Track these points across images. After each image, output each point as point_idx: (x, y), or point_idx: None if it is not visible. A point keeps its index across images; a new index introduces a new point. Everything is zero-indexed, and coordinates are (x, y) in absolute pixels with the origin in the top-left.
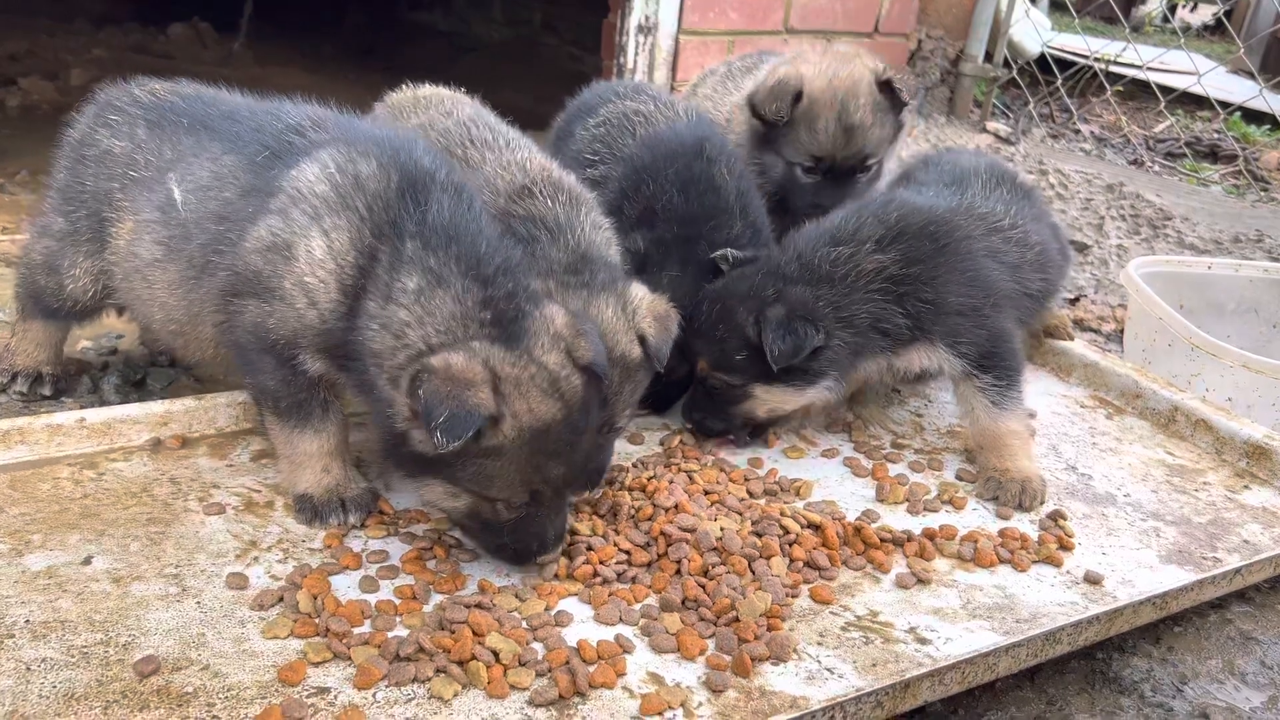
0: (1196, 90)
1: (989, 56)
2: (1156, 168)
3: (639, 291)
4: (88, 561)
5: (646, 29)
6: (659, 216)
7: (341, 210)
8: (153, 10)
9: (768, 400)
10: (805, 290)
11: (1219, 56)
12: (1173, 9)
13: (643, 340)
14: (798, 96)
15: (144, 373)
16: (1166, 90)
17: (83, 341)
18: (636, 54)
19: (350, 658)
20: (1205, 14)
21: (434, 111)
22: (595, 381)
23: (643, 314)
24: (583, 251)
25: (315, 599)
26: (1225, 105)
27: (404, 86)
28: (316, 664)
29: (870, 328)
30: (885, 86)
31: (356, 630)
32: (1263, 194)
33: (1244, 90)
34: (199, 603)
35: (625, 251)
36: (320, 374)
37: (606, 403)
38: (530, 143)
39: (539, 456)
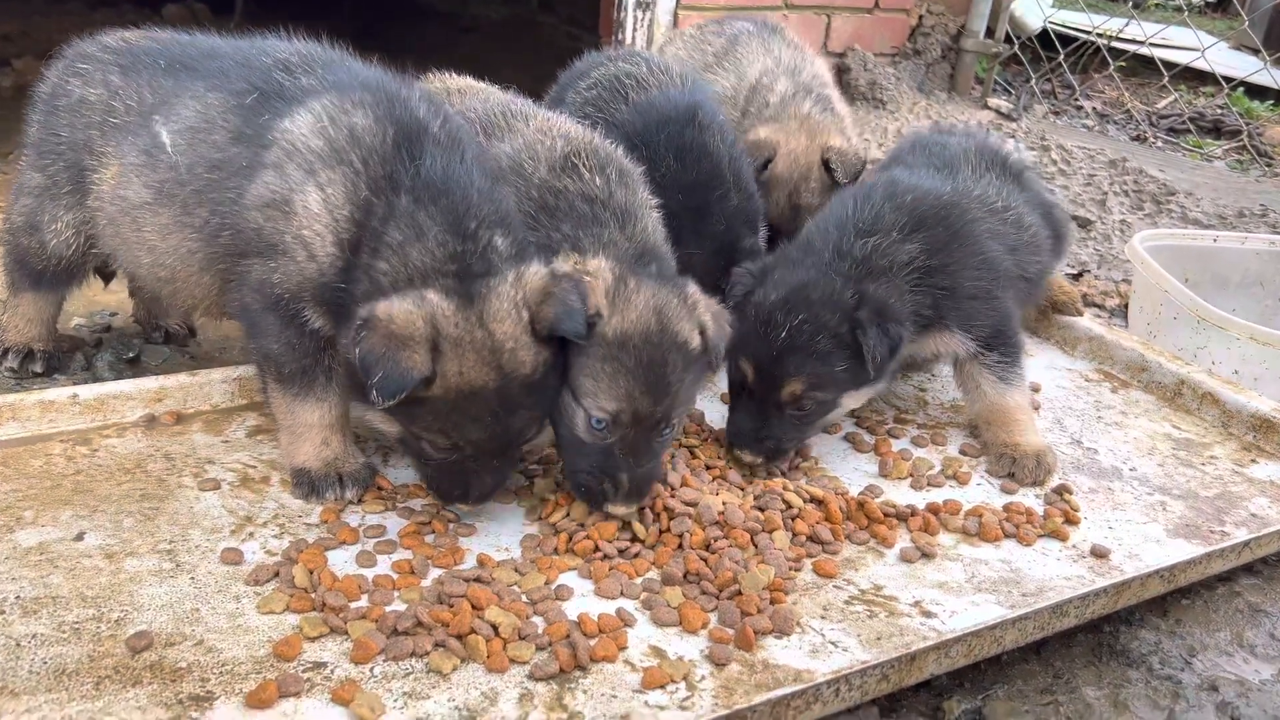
0: (1199, 66)
1: (990, 32)
2: (1159, 143)
3: (695, 288)
4: (80, 537)
5: (645, 4)
6: (658, 186)
7: (336, 164)
8: None
9: (847, 406)
10: (874, 287)
11: (1220, 32)
12: None
13: (702, 332)
14: (766, 163)
15: (138, 350)
16: (1169, 66)
17: (75, 319)
18: (635, 29)
19: (347, 632)
20: None
21: (470, 99)
22: (578, 352)
23: (702, 308)
24: (646, 243)
25: (311, 573)
26: (1229, 81)
27: (432, 77)
28: (312, 639)
29: (910, 318)
30: (825, 165)
31: (353, 605)
32: (1266, 169)
33: (1246, 66)
34: (193, 578)
35: None
36: (323, 332)
37: (666, 390)
38: (569, 118)
39: (459, 415)
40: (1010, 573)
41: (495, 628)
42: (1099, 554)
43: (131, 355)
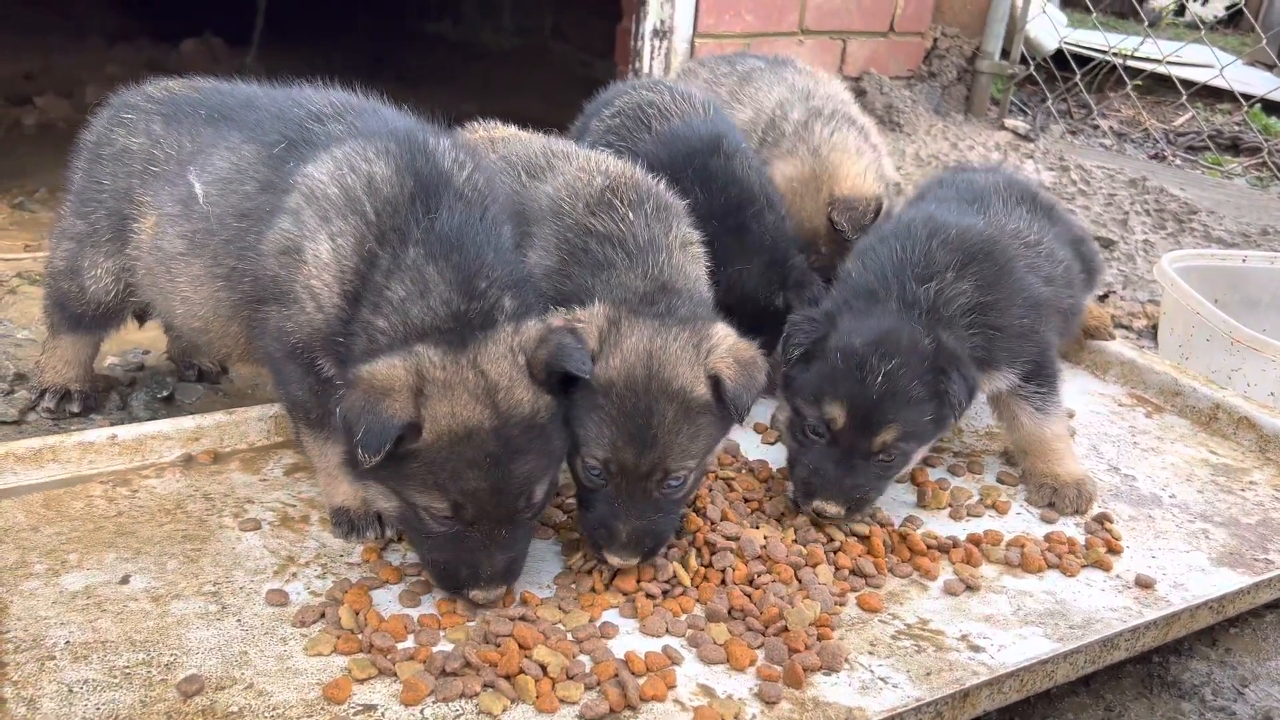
0: (1214, 83)
1: (1005, 54)
2: (1178, 162)
3: (722, 330)
4: (125, 580)
5: (662, 33)
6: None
7: (349, 214)
8: (164, 26)
9: (917, 459)
10: (946, 335)
11: (1234, 49)
12: (1181, 9)
13: (716, 382)
14: None
15: (172, 388)
16: (1186, 85)
17: (109, 358)
18: (652, 58)
19: (395, 674)
20: (1217, 7)
21: (512, 145)
22: (580, 396)
23: (720, 353)
24: (664, 280)
25: (357, 614)
26: (1247, 98)
27: (475, 127)
28: (361, 680)
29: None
30: (830, 221)
31: (400, 645)
32: None
33: (1261, 81)
34: (239, 620)
35: None
36: (338, 380)
37: (650, 441)
38: (611, 154)
39: (456, 464)
40: (1056, 604)
41: (544, 667)
42: (1144, 584)
43: (166, 394)
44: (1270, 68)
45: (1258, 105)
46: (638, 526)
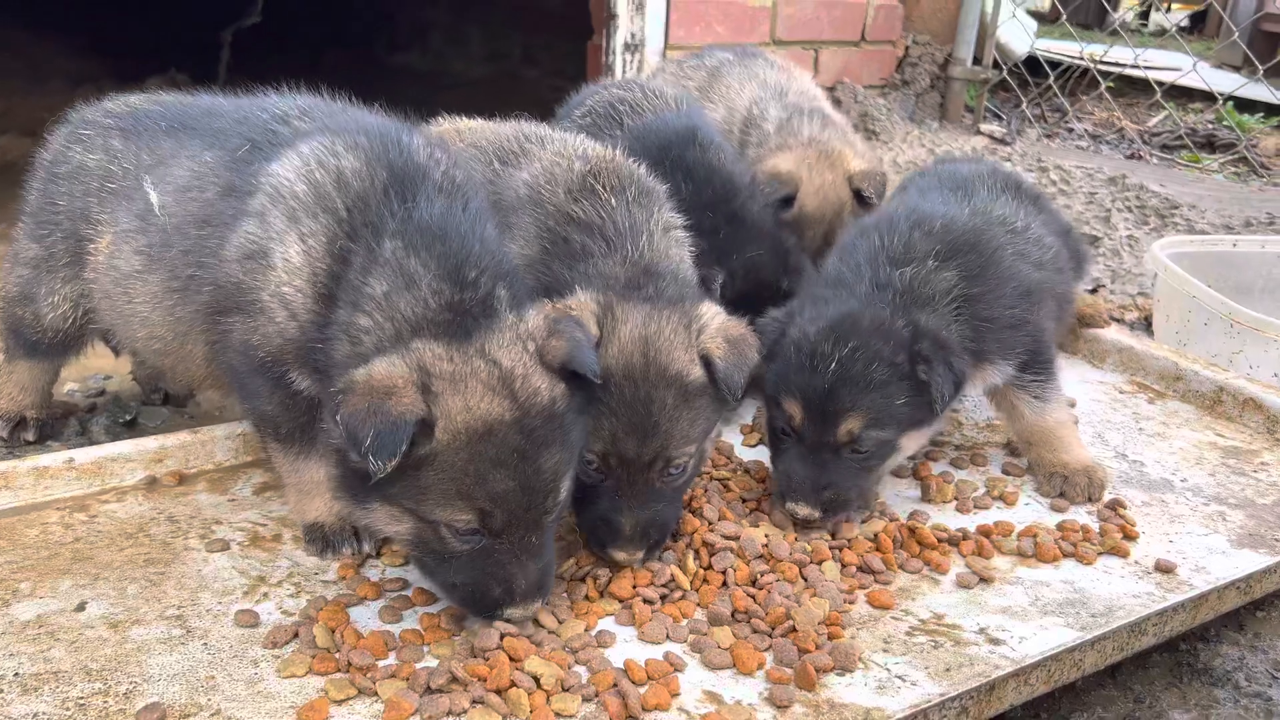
0: (1185, 83)
1: (977, 60)
2: (1155, 160)
3: (710, 310)
4: (81, 608)
5: (633, 46)
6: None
7: (319, 212)
8: (128, 68)
9: (906, 450)
10: (925, 318)
11: (1199, 53)
12: (1145, 14)
13: (707, 362)
14: (787, 199)
15: (135, 412)
16: (1158, 85)
17: (69, 384)
18: (624, 73)
19: (377, 693)
20: (1179, 16)
21: (477, 134)
22: (580, 390)
23: (710, 333)
24: (645, 264)
25: (333, 632)
26: (1220, 96)
27: (440, 121)
28: (339, 702)
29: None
30: (858, 195)
31: (381, 663)
32: (1266, 179)
33: (1230, 84)
34: (206, 644)
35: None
36: (311, 393)
37: (653, 430)
38: (587, 138)
39: (480, 464)
40: (1075, 593)
41: (537, 679)
42: (1164, 569)
43: (128, 418)
44: (1236, 69)
45: (1230, 103)
46: (642, 518)
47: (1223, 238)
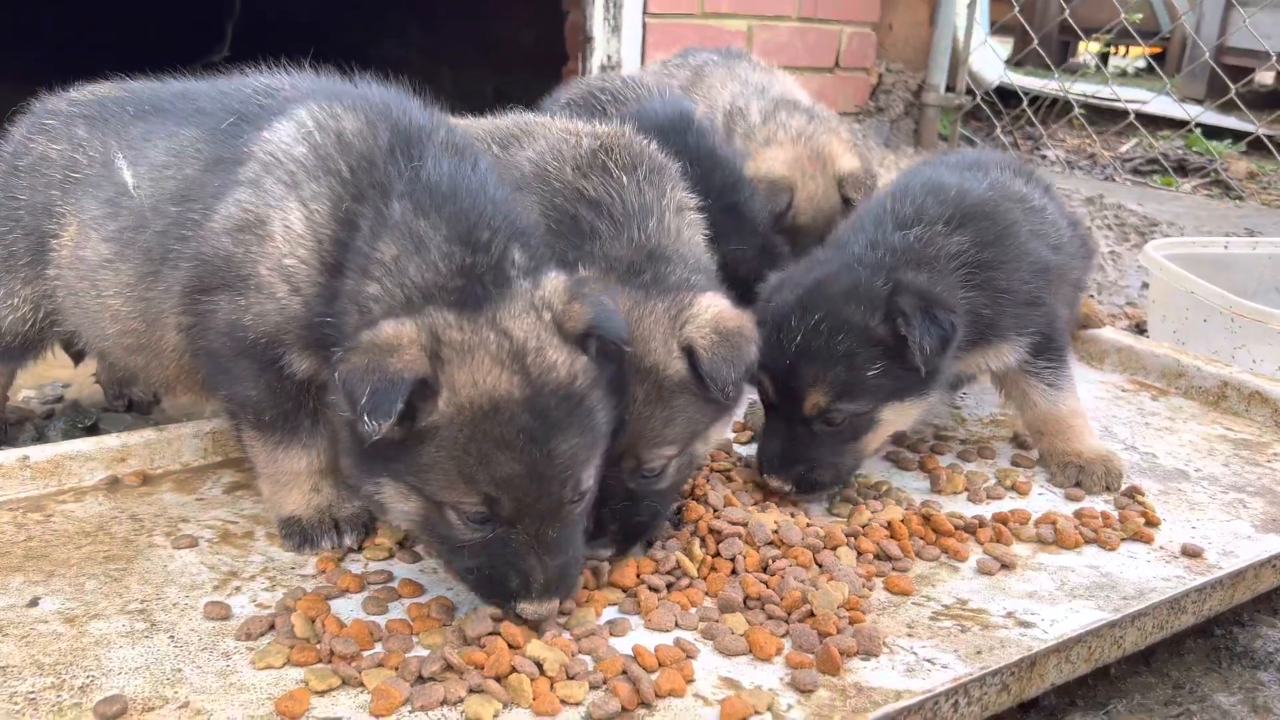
0: (1150, 111)
1: (951, 88)
2: (1128, 184)
3: (709, 300)
4: (34, 603)
5: (609, 69)
6: None
7: (323, 175)
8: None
9: (892, 423)
10: (919, 275)
11: (1160, 90)
12: (1105, 56)
13: (691, 354)
14: (786, 206)
15: (96, 418)
16: (1124, 115)
17: (25, 391)
18: None
19: (363, 683)
20: (1137, 61)
21: (476, 124)
22: (612, 360)
23: (699, 324)
24: (651, 247)
25: (313, 622)
26: (1185, 124)
27: None
28: (322, 692)
29: (967, 318)
30: (847, 202)
31: (366, 653)
32: (1237, 203)
33: (1194, 116)
34: (172, 637)
35: None
36: (310, 376)
37: (622, 428)
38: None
39: (483, 445)
40: (1102, 578)
41: (540, 665)
42: (1192, 553)
43: (88, 424)
44: (1199, 102)
45: (1198, 129)
46: (609, 514)
47: (1214, 240)
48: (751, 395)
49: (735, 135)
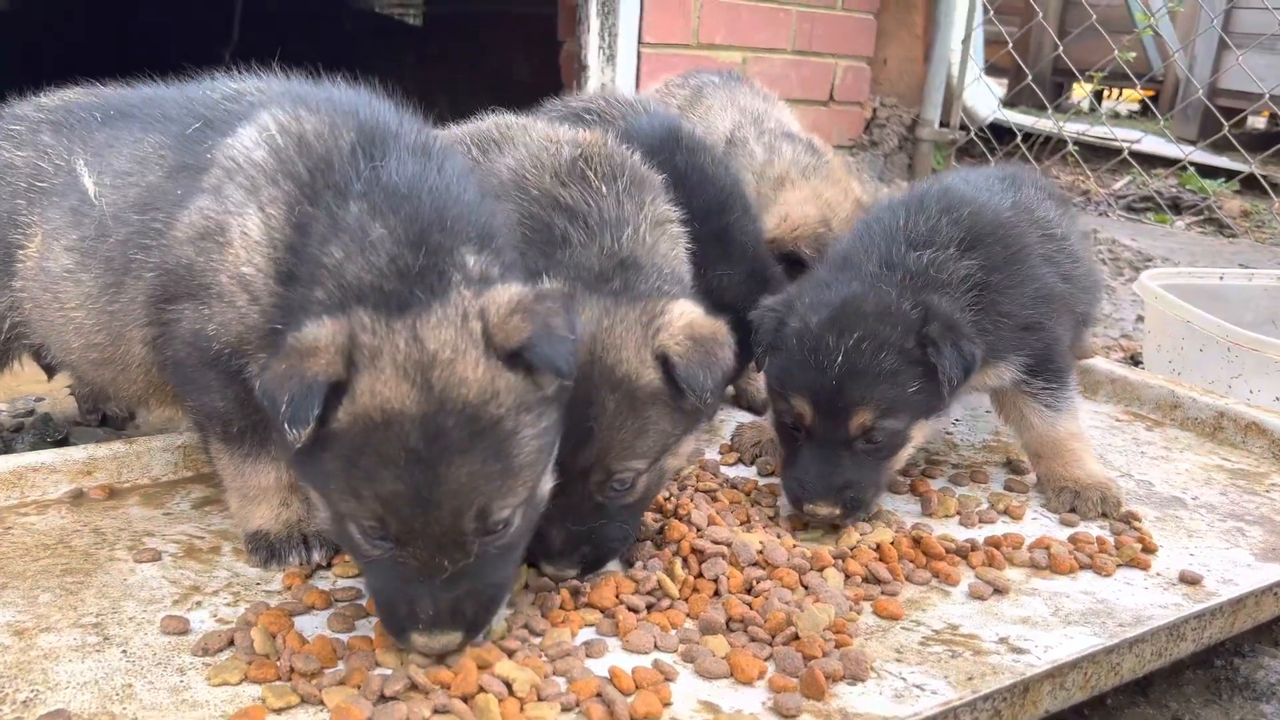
0: (1143, 150)
1: (945, 123)
2: (1122, 220)
3: (681, 307)
4: None
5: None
6: None
7: (281, 178)
8: None
9: (915, 441)
10: (939, 300)
11: (1153, 131)
12: (1099, 95)
13: (665, 362)
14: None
15: (66, 432)
16: (1117, 153)
17: None
18: None
19: (322, 701)
20: (1129, 101)
21: (455, 131)
22: (547, 381)
23: (672, 330)
24: (624, 256)
25: (275, 637)
26: (1177, 162)
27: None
28: (278, 710)
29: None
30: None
31: (329, 671)
32: (1230, 240)
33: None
34: (125, 651)
35: None
36: None
37: (587, 437)
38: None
39: (369, 458)
40: (1097, 604)
41: (509, 685)
42: (1190, 581)
43: (58, 438)
44: (1192, 143)
45: (1191, 168)
46: (575, 532)
47: (1209, 270)
48: (734, 416)
49: (741, 171)
